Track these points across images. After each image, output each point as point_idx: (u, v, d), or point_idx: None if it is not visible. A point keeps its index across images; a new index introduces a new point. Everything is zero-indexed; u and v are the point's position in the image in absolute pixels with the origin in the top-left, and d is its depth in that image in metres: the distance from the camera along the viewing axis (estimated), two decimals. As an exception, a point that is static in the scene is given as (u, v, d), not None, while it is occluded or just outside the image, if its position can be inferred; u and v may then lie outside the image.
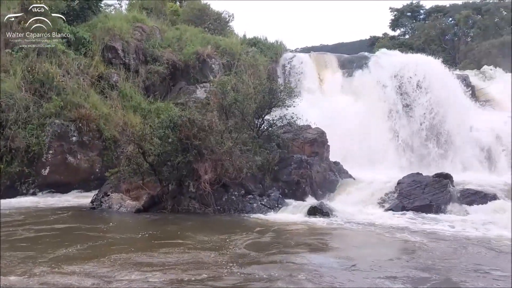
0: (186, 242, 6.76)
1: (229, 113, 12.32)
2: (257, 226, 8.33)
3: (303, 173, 11.44)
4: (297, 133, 12.89)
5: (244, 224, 8.63)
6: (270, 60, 18.71)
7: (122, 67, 15.57)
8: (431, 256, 6.21)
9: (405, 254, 6.51)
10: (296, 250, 6.41)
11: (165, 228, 8.19)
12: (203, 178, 9.41)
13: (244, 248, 6.36)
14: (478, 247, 6.78)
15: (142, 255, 5.84)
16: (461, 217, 9.31)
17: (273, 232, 7.70)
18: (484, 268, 5.57)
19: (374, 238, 7.62)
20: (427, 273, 5.18)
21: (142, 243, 6.87)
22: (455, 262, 5.87)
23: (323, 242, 7.28)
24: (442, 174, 11.11)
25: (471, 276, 5.17)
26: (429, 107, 16.92)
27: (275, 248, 6.48)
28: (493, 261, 5.95)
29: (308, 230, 8.12)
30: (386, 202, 10.71)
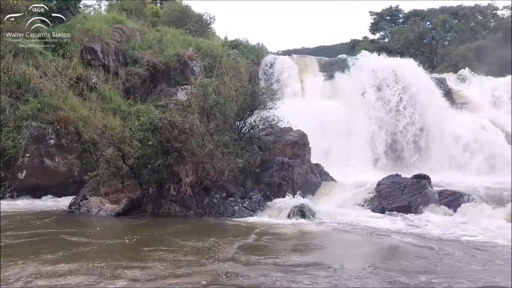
0: (174, 247, 6.63)
1: (211, 115, 12.27)
2: (241, 229, 8.31)
3: (284, 175, 11.48)
4: (279, 136, 12.94)
5: (228, 228, 8.58)
6: (252, 63, 18.74)
7: (102, 68, 15.35)
8: (410, 257, 6.30)
9: (384, 255, 6.62)
10: (284, 253, 6.39)
11: (150, 233, 8.03)
12: (184, 181, 9.34)
13: (235, 252, 6.28)
14: (455, 247, 6.90)
15: (132, 262, 5.65)
16: (439, 217, 9.49)
17: (258, 235, 7.65)
18: (461, 267, 5.71)
19: (356, 239, 7.70)
20: (404, 276, 5.24)
21: (130, 249, 6.66)
22: (434, 262, 5.97)
23: (308, 244, 7.29)
24: (421, 175, 11.30)
25: (451, 276, 5.27)
26: (408, 109, 17.22)
27: (264, 252, 6.45)
28: (472, 261, 6.07)
29: (291, 232, 8.11)
30: (366, 204, 10.84)
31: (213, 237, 7.28)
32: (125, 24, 17.33)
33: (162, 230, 8.20)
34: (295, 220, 9.14)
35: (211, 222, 9.20)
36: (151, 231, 8.14)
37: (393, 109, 17.30)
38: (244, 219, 9.38)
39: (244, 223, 9.01)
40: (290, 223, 8.88)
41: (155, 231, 8.14)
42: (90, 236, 7.57)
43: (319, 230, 8.39)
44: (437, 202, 10.26)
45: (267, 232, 7.99)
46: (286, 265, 5.63)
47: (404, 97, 17.39)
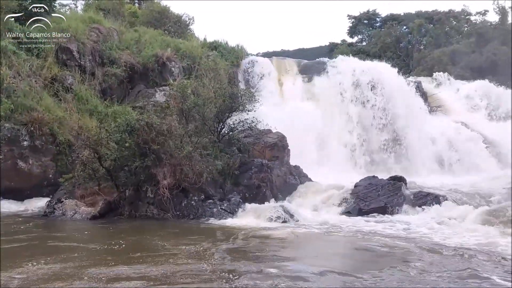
0: (159, 251, 6.50)
1: (189, 117, 12.20)
2: (221, 231, 8.27)
3: (263, 177, 11.50)
4: (258, 138, 12.96)
5: (208, 230, 8.50)
6: (231, 64, 18.70)
7: (78, 69, 15.04)
8: (385, 258, 6.43)
9: (360, 255, 6.71)
10: (269, 257, 6.37)
11: (135, 237, 7.85)
12: (161, 183, 9.25)
13: (222, 255, 6.24)
14: (423, 247, 7.03)
15: (121, 268, 5.46)
16: (414, 218, 9.67)
17: (240, 239, 7.64)
18: (434, 268, 5.84)
19: (336, 241, 7.83)
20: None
21: (114, 254, 6.43)
22: (408, 262, 6.09)
23: (290, 246, 7.33)
24: (397, 177, 11.50)
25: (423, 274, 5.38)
26: (385, 112, 17.52)
27: (250, 255, 6.41)
28: (443, 262, 6.21)
29: (271, 234, 8.08)
30: (344, 205, 10.95)
31: (199, 241, 7.16)
32: (102, 24, 17.05)
33: (146, 234, 8.06)
34: (274, 222, 9.16)
35: (190, 225, 9.11)
36: (135, 235, 7.99)
37: (371, 111, 17.56)
38: (223, 221, 9.34)
39: (223, 225, 8.96)
40: (268, 226, 8.88)
41: (139, 235, 7.99)
42: (74, 241, 7.38)
43: (299, 232, 8.41)
44: (413, 203, 10.46)
45: (250, 235, 7.96)
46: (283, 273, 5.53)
47: (381, 99, 17.68)
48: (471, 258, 6.28)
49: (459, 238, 7.65)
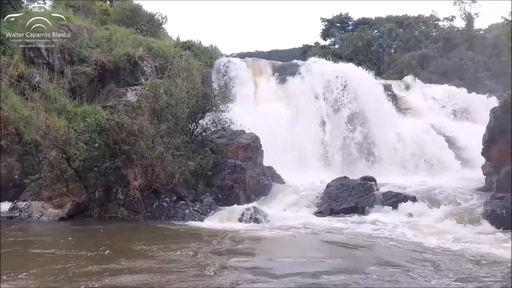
0: (138, 255, 6.33)
1: (161, 117, 12.06)
2: (194, 233, 8.22)
3: (236, 178, 11.50)
4: (231, 138, 12.95)
5: (180, 233, 8.41)
6: (205, 64, 18.57)
7: (46, 67, 14.60)
8: (348, 255, 6.64)
9: (332, 254, 6.81)
10: (241, 258, 6.35)
11: (109, 241, 7.55)
12: (132, 184, 9.11)
13: (202, 257, 6.20)
14: (390, 245, 7.25)
15: (107, 278, 5.18)
16: (383, 217, 9.89)
17: (212, 240, 7.60)
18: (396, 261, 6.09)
19: (308, 241, 7.90)
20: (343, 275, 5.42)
21: (92, 260, 6.10)
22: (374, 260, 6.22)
23: (262, 247, 7.33)
24: (367, 177, 11.73)
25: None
26: (356, 113, 17.80)
27: (226, 256, 6.39)
28: (411, 258, 6.39)
29: (243, 235, 8.07)
30: (316, 205, 11.10)
31: (175, 245, 7.02)
32: (71, 21, 16.61)
33: (119, 238, 7.89)
34: (246, 223, 9.16)
35: (163, 227, 8.97)
36: (108, 239, 7.72)
37: (343, 112, 17.81)
38: (195, 223, 9.28)
39: (196, 227, 8.90)
40: (241, 227, 8.87)
41: (112, 239, 7.77)
42: (48, 246, 7.05)
43: (271, 232, 8.45)
44: (382, 202, 10.69)
45: (223, 236, 7.93)
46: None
47: (353, 101, 17.96)
48: (433, 255, 6.51)
49: (424, 237, 7.90)
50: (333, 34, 40.40)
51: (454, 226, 8.90)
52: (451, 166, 16.53)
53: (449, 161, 16.86)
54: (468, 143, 16.76)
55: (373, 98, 18.45)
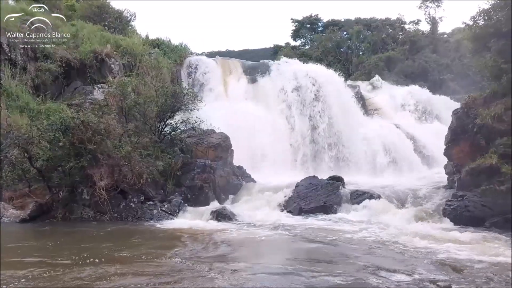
0: (110, 260, 6.07)
1: (129, 116, 11.85)
2: (162, 234, 8.11)
3: (206, 178, 11.44)
4: (201, 138, 12.87)
5: (148, 233, 8.30)
6: (174, 63, 18.34)
7: (7, 63, 14.02)
8: (311, 252, 6.77)
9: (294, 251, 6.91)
10: (209, 259, 6.27)
11: (71, 244, 7.29)
12: (98, 184, 8.91)
13: (172, 260, 6.08)
14: (351, 242, 7.47)
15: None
16: (350, 215, 10.09)
17: (182, 241, 7.51)
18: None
19: (278, 240, 7.93)
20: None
21: (62, 267, 5.69)
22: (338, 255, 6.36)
23: (230, 248, 7.30)
24: (335, 177, 11.92)
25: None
26: (325, 114, 18.05)
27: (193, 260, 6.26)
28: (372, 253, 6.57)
29: (213, 236, 7.99)
30: (285, 205, 11.19)
31: (144, 247, 6.88)
32: (35, 16, 16.02)
33: (87, 240, 7.61)
34: (215, 222, 9.14)
35: (129, 228, 8.82)
36: (76, 243, 7.43)
37: (312, 113, 18.02)
38: (163, 223, 9.16)
39: (164, 228, 8.78)
40: (209, 226, 8.85)
41: (81, 242, 7.48)
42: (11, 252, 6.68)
43: (239, 232, 8.45)
44: (349, 201, 10.91)
45: (190, 236, 7.87)
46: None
47: (321, 101, 18.19)
48: (399, 252, 6.70)
49: (386, 233, 8.14)
50: (303, 35, 40.79)
51: (418, 224, 9.19)
52: (416, 166, 17.02)
53: (414, 160, 17.35)
54: (432, 143, 17.30)
55: (342, 99, 18.76)
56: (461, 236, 7.93)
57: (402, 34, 35.51)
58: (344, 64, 33.74)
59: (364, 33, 35.48)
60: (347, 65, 33.57)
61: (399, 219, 9.46)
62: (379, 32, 35.69)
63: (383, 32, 35.88)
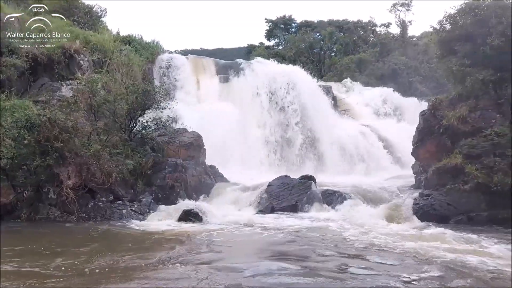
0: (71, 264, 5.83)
1: (99, 113, 11.57)
2: (131, 236, 7.93)
3: (177, 177, 11.33)
4: (173, 137, 12.73)
5: (117, 234, 8.11)
6: (146, 60, 18.04)
7: (-31, 57, 13.44)
8: (284, 250, 6.81)
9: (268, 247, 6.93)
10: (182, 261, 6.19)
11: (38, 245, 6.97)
12: (65, 183, 8.66)
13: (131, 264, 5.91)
14: (321, 239, 7.64)
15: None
16: (321, 214, 10.21)
17: (149, 241, 7.40)
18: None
19: (248, 238, 7.94)
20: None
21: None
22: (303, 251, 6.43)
23: (194, 248, 7.23)
24: (307, 176, 12.04)
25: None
26: (298, 114, 18.22)
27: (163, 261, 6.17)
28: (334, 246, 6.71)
29: (182, 235, 7.93)
30: (257, 204, 11.21)
31: (119, 251, 6.66)
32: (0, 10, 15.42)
33: (54, 241, 7.34)
34: (187, 223, 9.04)
35: (98, 228, 8.55)
36: (42, 244, 7.11)
37: (285, 112, 18.16)
38: (133, 223, 8.99)
39: (133, 228, 8.61)
40: (180, 226, 8.74)
41: (52, 244, 7.17)
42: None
43: (210, 231, 8.39)
44: (321, 200, 11.03)
45: (160, 237, 7.75)
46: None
47: (295, 102, 18.36)
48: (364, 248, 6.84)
49: (356, 231, 8.28)
50: (277, 35, 41.06)
51: (386, 222, 9.39)
52: (386, 165, 17.43)
53: (385, 160, 17.77)
54: (401, 143, 17.73)
55: (315, 99, 18.98)
56: (426, 232, 8.17)
57: (373, 37, 36.30)
58: (317, 65, 34.17)
59: (336, 35, 36.04)
60: (319, 66, 34.01)
61: (369, 218, 9.64)
62: (351, 34, 36.35)
63: (355, 34, 36.56)
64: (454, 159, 9.80)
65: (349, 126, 19.63)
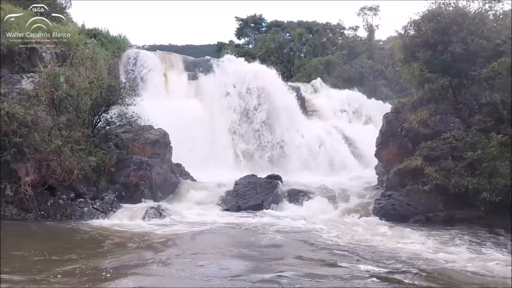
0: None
1: (61, 108, 11.19)
2: (89, 235, 7.73)
3: (142, 175, 11.13)
4: (138, 134, 12.50)
5: (75, 234, 7.87)
6: (112, 55, 17.60)
7: None
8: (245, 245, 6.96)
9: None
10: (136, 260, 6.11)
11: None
12: (23, 180, 8.34)
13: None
14: (286, 236, 7.82)
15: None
16: (285, 212, 10.35)
17: (111, 242, 7.22)
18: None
19: (211, 239, 7.91)
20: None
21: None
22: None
23: (160, 247, 7.13)
24: (273, 175, 12.15)
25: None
26: (266, 113, 18.29)
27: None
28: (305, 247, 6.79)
29: (145, 236, 7.78)
30: (224, 203, 11.20)
31: (76, 252, 6.42)
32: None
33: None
34: (150, 221, 8.91)
35: (57, 227, 8.31)
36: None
37: (253, 112, 18.18)
38: (94, 222, 8.78)
39: (94, 226, 8.39)
40: (143, 225, 8.59)
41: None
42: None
43: (173, 230, 8.33)
44: (286, 199, 11.19)
45: (121, 236, 7.60)
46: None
47: (263, 101, 18.41)
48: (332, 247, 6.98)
49: (319, 229, 8.50)
50: (247, 34, 41.04)
51: (349, 220, 9.61)
52: (351, 166, 17.78)
53: (350, 161, 18.13)
54: (366, 145, 18.12)
55: (283, 99, 19.11)
56: (386, 230, 8.43)
57: (342, 39, 36.88)
58: (286, 65, 34.40)
59: (306, 36, 36.38)
60: (289, 66, 34.26)
61: (332, 216, 9.84)
62: (320, 35, 36.78)
63: (324, 36, 37.02)
64: (415, 161, 10.13)
65: (317, 127, 19.89)
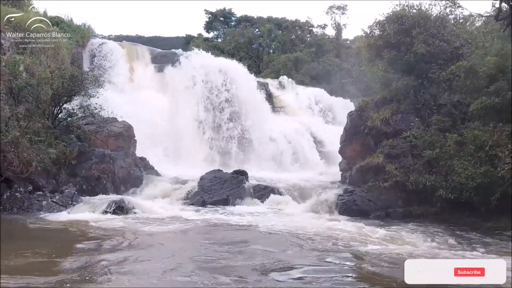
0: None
1: (20, 97, 10.74)
2: (44, 230, 7.49)
3: (104, 168, 10.89)
4: (101, 126, 12.22)
5: (30, 229, 7.58)
6: (76, 44, 17.07)
7: None
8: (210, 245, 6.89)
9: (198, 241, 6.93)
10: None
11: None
12: (-23, 172, 7.97)
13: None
14: (250, 231, 7.88)
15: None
16: (251, 208, 10.40)
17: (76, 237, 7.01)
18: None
19: (172, 235, 7.82)
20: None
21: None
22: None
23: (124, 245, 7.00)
24: (239, 171, 12.17)
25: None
26: (234, 108, 18.24)
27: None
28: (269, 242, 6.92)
29: (104, 231, 7.59)
30: (188, 197, 11.13)
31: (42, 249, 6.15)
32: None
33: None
34: (111, 215, 8.75)
35: (13, 221, 7.99)
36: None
37: (220, 106, 18.08)
38: (53, 215, 8.50)
39: (53, 221, 8.13)
40: (104, 220, 8.40)
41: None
42: None
43: (135, 224, 8.20)
44: (252, 195, 11.25)
45: (79, 229, 7.41)
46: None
47: (231, 96, 18.34)
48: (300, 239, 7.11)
49: (282, 225, 8.55)
50: (216, 27, 40.74)
51: (312, 216, 9.78)
52: (316, 162, 18.07)
53: (315, 157, 18.41)
54: (331, 142, 18.43)
55: (251, 94, 19.11)
56: (347, 225, 8.66)
57: (310, 37, 37.30)
58: (255, 60, 34.43)
59: (275, 32, 36.54)
60: (258, 62, 34.30)
61: (296, 212, 9.98)
62: (289, 32, 37.04)
63: (293, 33, 37.31)
64: (377, 158, 10.43)
65: (283, 123, 20.05)
